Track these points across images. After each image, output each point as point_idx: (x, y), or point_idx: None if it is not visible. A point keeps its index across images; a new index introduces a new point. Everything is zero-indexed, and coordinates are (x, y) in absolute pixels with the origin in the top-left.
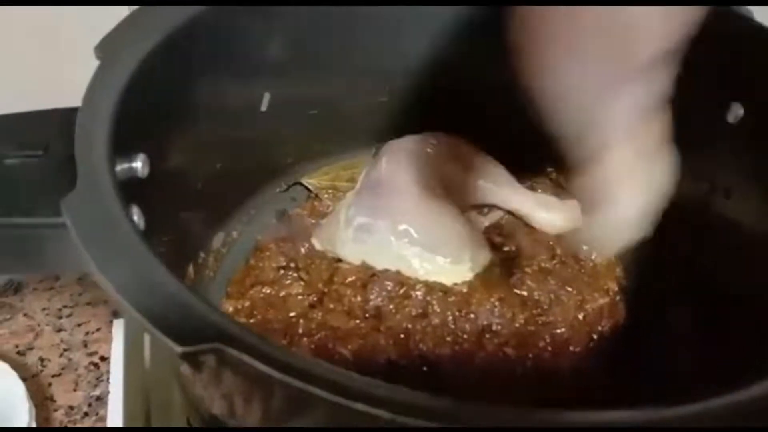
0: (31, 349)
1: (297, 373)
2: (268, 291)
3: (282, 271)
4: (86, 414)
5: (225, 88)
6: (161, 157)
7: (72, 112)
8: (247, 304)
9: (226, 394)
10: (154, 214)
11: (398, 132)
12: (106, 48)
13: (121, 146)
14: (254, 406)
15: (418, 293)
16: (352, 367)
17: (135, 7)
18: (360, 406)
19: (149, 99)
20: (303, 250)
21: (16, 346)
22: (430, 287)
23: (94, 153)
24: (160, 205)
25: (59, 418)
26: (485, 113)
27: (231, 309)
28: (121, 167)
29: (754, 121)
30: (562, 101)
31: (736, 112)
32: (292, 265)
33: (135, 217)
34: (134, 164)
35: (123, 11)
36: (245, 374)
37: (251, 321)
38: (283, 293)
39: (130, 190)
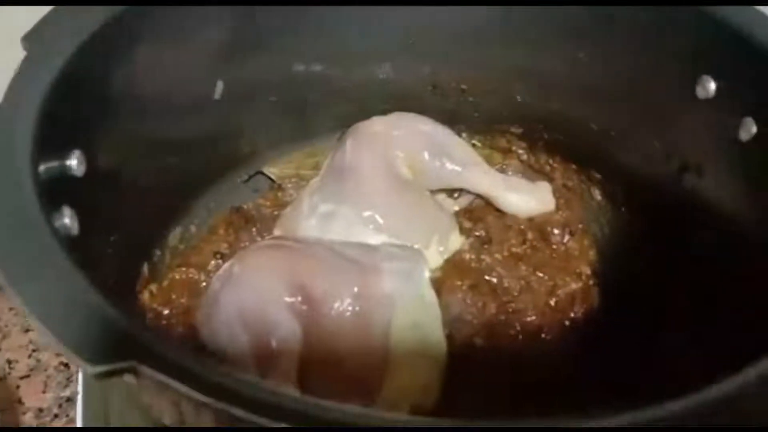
0: None
1: (218, 393)
2: (192, 275)
3: (218, 258)
4: (56, 416)
5: (172, 77)
6: (101, 153)
7: None
8: (165, 284)
9: (173, 402)
10: (94, 214)
11: (365, 115)
12: (35, 39)
13: (50, 144)
14: (203, 414)
15: None
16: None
17: None
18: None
19: (84, 92)
20: (250, 242)
21: None
22: None
23: (14, 153)
24: (102, 203)
25: (28, 421)
26: (455, 94)
27: (148, 294)
28: (48, 166)
29: (725, 93)
30: None
31: (707, 85)
32: (229, 253)
33: (66, 220)
34: (68, 162)
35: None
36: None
37: (165, 311)
38: (206, 281)
39: (62, 190)
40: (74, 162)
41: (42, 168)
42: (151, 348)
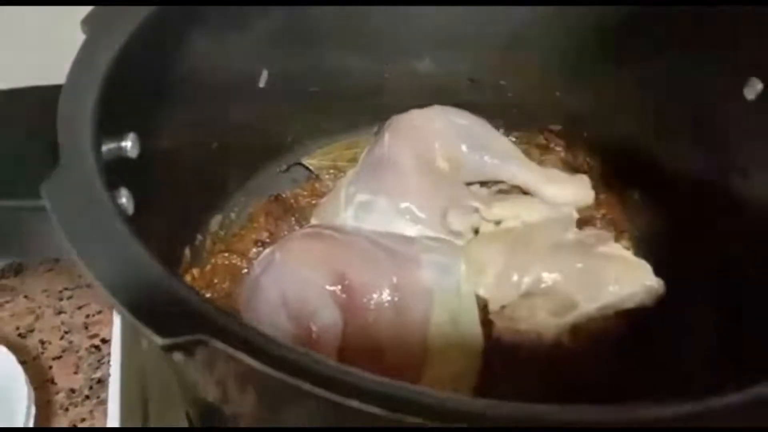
0: (31, 331)
1: (284, 366)
2: (235, 261)
3: (259, 246)
4: (87, 397)
5: (220, 64)
6: (153, 136)
7: (56, 89)
8: (207, 268)
9: (219, 380)
10: (146, 196)
11: (402, 109)
12: (94, 22)
13: (108, 125)
14: (248, 393)
15: None
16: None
17: None
18: (354, 403)
19: (139, 75)
20: (289, 230)
21: (17, 329)
22: None
23: (78, 133)
24: (152, 186)
25: (60, 401)
26: (493, 89)
27: (190, 278)
28: (107, 147)
29: None
30: None
31: (755, 87)
32: (270, 241)
33: (123, 200)
34: (123, 144)
35: None
36: (235, 365)
37: (207, 294)
38: (247, 268)
39: (119, 171)
40: (129, 144)
41: (104, 149)
42: (221, 322)
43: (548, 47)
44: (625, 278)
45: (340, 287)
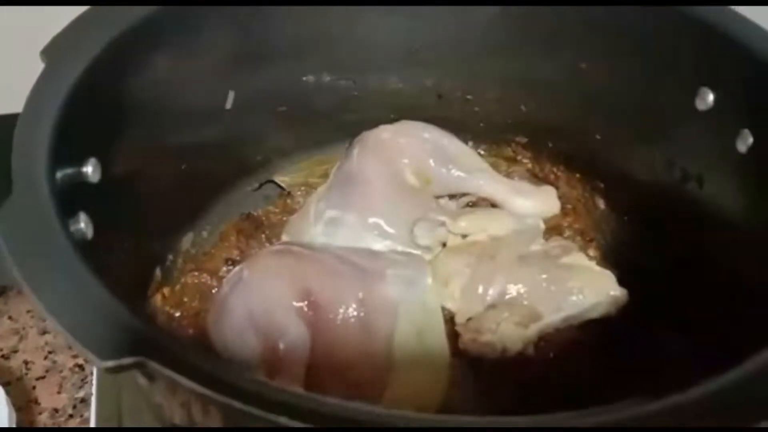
0: (15, 352)
1: (224, 388)
2: (205, 280)
3: (230, 265)
4: (71, 416)
5: (184, 87)
6: (115, 161)
7: (15, 118)
8: (177, 287)
9: (182, 403)
10: (109, 219)
11: (373, 124)
12: (53, 51)
13: (66, 152)
14: (211, 414)
15: None
16: None
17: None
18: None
19: (100, 102)
20: (260, 248)
21: (1, 350)
22: None
23: (33, 160)
24: (116, 209)
25: (44, 420)
26: (460, 103)
27: (160, 297)
28: (65, 173)
29: (723, 104)
30: None
31: (706, 98)
32: (240, 259)
33: (81, 225)
34: (83, 169)
35: (72, 12)
36: (180, 387)
37: (177, 313)
38: (217, 287)
39: (77, 196)
40: (89, 169)
41: (59, 175)
42: (160, 344)
43: (511, 62)
44: (589, 288)
45: (306, 303)
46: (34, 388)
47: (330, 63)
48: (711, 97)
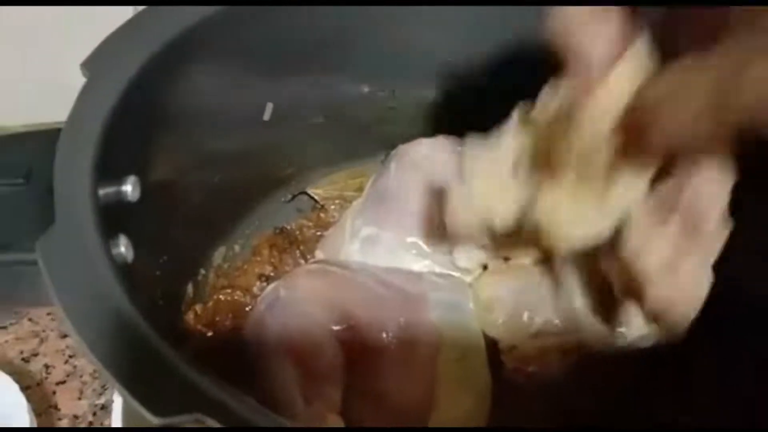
0: (35, 355)
1: None
2: (237, 297)
3: (263, 281)
4: (91, 423)
5: (225, 100)
6: (154, 177)
7: (57, 133)
8: (210, 304)
9: None
10: (147, 237)
11: (410, 137)
12: (94, 64)
13: (108, 171)
14: None
15: None
16: None
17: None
18: None
19: (141, 117)
20: (294, 263)
21: (21, 352)
22: None
23: (75, 180)
24: (153, 226)
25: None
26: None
27: (193, 315)
28: (107, 193)
29: None
30: None
31: None
32: (274, 275)
33: (122, 249)
34: (123, 188)
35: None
36: None
37: (209, 333)
38: (251, 304)
39: (118, 217)
40: (129, 187)
41: (101, 195)
42: (217, 398)
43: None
44: (639, 318)
45: (345, 326)
46: (54, 393)
47: (369, 74)
48: None
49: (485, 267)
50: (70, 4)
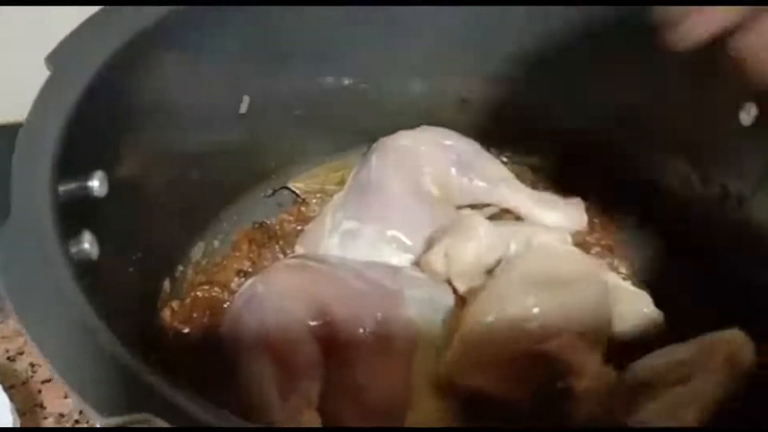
0: (21, 354)
1: None
2: (215, 293)
3: (241, 277)
4: (77, 422)
5: (197, 93)
6: (124, 172)
7: (17, 127)
8: (187, 301)
9: None
10: (117, 234)
11: (392, 130)
12: (58, 58)
13: (71, 166)
14: None
15: None
16: None
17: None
18: None
19: (107, 112)
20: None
21: (7, 351)
22: None
23: (34, 176)
24: (124, 223)
25: (49, 426)
26: (488, 110)
27: (169, 311)
28: (68, 189)
29: None
30: None
31: (751, 112)
32: (253, 271)
33: (86, 246)
34: (89, 183)
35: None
36: None
37: (186, 329)
38: (229, 300)
39: (82, 213)
40: (96, 183)
41: (62, 191)
42: (168, 398)
43: (539, 67)
44: (624, 310)
45: (322, 322)
46: (39, 392)
47: (349, 66)
48: (755, 111)
49: None
50: (33, 4)
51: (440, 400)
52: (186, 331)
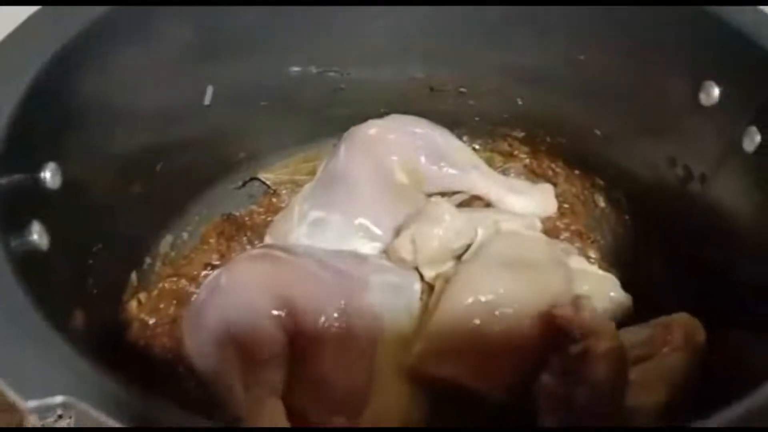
0: None
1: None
2: (183, 286)
3: (209, 269)
4: (60, 417)
5: (156, 85)
6: (79, 165)
7: None
8: (154, 293)
9: None
10: (71, 226)
11: (363, 119)
12: (6, 49)
13: (19, 158)
14: None
15: None
16: None
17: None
18: None
19: (58, 104)
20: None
21: None
22: None
23: None
24: (80, 215)
25: (32, 422)
26: (454, 96)
27: (136, 303)
28: (15, 180)
29: (729, 99)
30: None
31: (711, 92)
32: (221, 263)
33: (34, 236)
34: (41, 175)
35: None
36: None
37: (152, 321)
38: (195, 292)
39: (31, 204)
40: (48, 174)
41: (5, 182)
42: (91, 382)
43: (506, 53)
44: (593, 294)
45: (285, 312)
46: None
47: (316, 54)
48: (716, 91)
49: None
50: None
51: (404, 386)
52: (152, 322)
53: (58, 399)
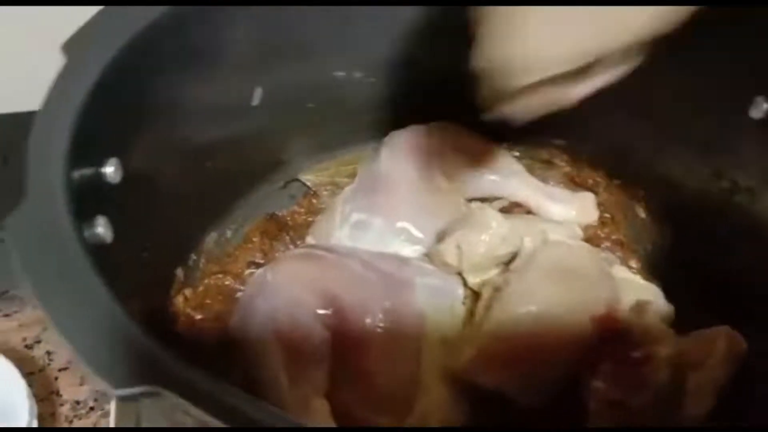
0: (38, 342)
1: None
2: (228, 283)
3: (253, 268)
4: (92, 408)
5: (210, 85)
6: (138, 160)
7: (33, 116)
8: (200, 289)
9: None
10: (131, 220)
11: (402, 123)
12: (74, 46)
13: (86, 152)
14: None
15: None
16: None
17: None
18: None
19: (123, 100)
20: (284, 250)
21: (24, 339)
22: None
23: (49, 162)
24: (137, 210)
25: (65, 413)
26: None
27: (182, 298)
28: (83, 174)
29: None
30: None
31: (761, 106)
32: (264, 262)
33: (99, 229)
34: (104, 170)
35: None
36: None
37: (198, 316)
38: (241, 290)
39: (96, 198)
40: (111, 169)
41: (76, 177)
42: (176, 373)
43: None
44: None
45: (331, 310)
46: (56, 379)
47: (361, 60)
48: (766, 106)
49: None
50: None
51: (447, 389)
52: (199, 317)
53: (148, 388)
